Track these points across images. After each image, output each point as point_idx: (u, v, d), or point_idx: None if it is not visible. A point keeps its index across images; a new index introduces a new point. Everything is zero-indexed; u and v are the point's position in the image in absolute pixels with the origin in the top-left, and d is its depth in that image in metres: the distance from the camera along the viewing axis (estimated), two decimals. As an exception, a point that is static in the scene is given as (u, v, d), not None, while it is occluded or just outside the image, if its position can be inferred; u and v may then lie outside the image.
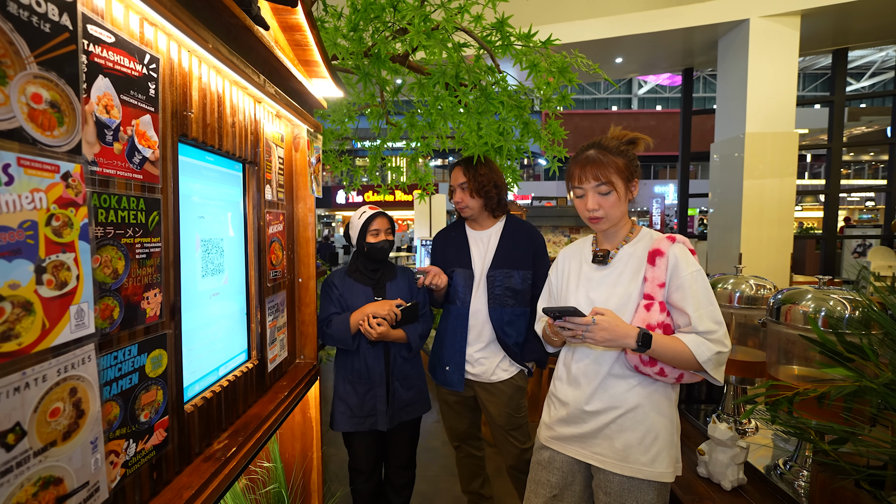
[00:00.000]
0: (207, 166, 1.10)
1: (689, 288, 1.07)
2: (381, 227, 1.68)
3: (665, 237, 1.14)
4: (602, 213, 1.14)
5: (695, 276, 1.08)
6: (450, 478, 2.51)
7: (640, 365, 1.09)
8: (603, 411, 1.14)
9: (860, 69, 20.08)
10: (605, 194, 1.13)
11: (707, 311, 1.07)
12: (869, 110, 11.86)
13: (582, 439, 1.19)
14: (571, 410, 1.19)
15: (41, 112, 0.56)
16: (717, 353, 1.04)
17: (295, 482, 1.64)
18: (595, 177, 1.12)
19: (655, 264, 1.11)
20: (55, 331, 0.58)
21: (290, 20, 1.30)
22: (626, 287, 1.14)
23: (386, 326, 1.58)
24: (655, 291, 1.10)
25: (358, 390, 1.67)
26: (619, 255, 1.19)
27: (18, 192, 0.53)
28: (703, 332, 1.05)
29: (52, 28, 0.57)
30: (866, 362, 0.99)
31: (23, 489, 0.54)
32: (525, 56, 1.85)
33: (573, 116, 18.48)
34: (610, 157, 1.13)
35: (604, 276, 1.19)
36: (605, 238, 1.24)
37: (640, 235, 1.20)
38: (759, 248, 4.57)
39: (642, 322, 1.09)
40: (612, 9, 4.95)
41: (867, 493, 0.97)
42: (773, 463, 1.32)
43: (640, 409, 1.12)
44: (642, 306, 1.10)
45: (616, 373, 1.14)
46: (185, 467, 0.93)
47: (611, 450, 1.14)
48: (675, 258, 1.10)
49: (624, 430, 1.13)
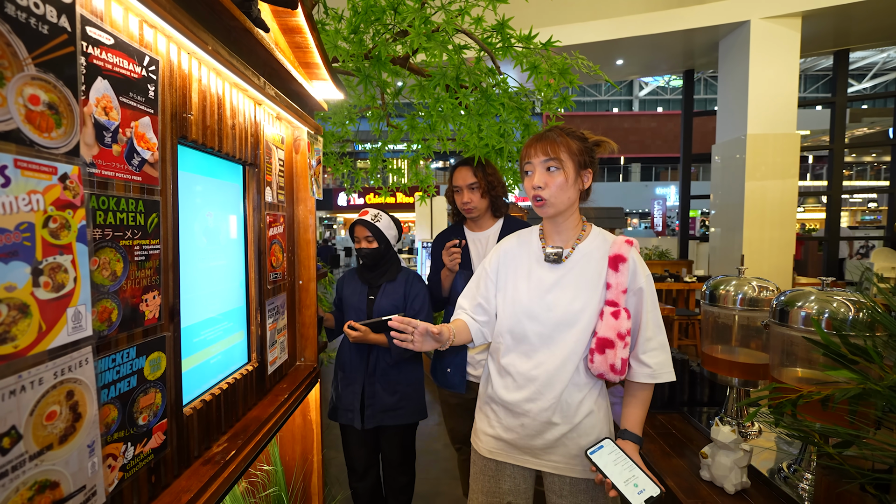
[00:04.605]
0: (207, 180, 1.10)
1: (646, 294, 1.11)
2: (359, 234, 1.77)
3: (623, 241, 1.13)
4: (547, 193, 1.09)
5: (649, 281, 1.12)
6: (451, 481, 2.50)
7: (608, 373, 1.08)
8: (560, 424, 1.11)
9: (862, 70, 20.06)
10: (551, 170, 1.09)
11: (656, 330, 1.12)
12: (871, 111, 11.84)
13: (534, 451, 1.15)
14: (525, 423, 1.14)
15: (39, 114, 0.56)
16: (668, 374, 1.11)
17: (295, 485, 1.63)
18: (545, 151, 1.08)
19: (619, 270, 1.09)
20: (52, 333, 0.57)
21: (291, 22, 1.30)
22: (588, 292, 1.11)
23: (360, 333, 1.63)
24: (619, 298, 1.08)
25: (341, 381, 1.76)
26: (574, 255, 1.15)
27: (15, 194, 0.53)
28: (651, 357, 1.11)
29: (50, 30, 0.57)
30: (871, 364, 0.98)
31: (18, 493, 0.53)
32: (526, 58, 1.85)
33: (574, 118, 18.49)
34: (564, 137, 1.10)
35: (559, 277, 1.14)
36: (554, 232, 1.18)
37: (593, 234, 1.17)
38: (760, 249, 4.56)
39: (612, 330, 1.06)
40: (613, 11, 4.96)
41: (872, 496, 0.96)
42: (776, 466, 1.31)
43: (593, 414, 1.13)
44: (609, 314, 1.08)
45: (576, 381, 1.12)
46: (184, 471, 0.93)
47: (564, 456, 1.13)
48: (634, 263, 1.11)
49: (580, 436, 1.12)
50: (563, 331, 1.11)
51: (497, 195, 1.74)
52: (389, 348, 1.69)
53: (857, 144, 11.27)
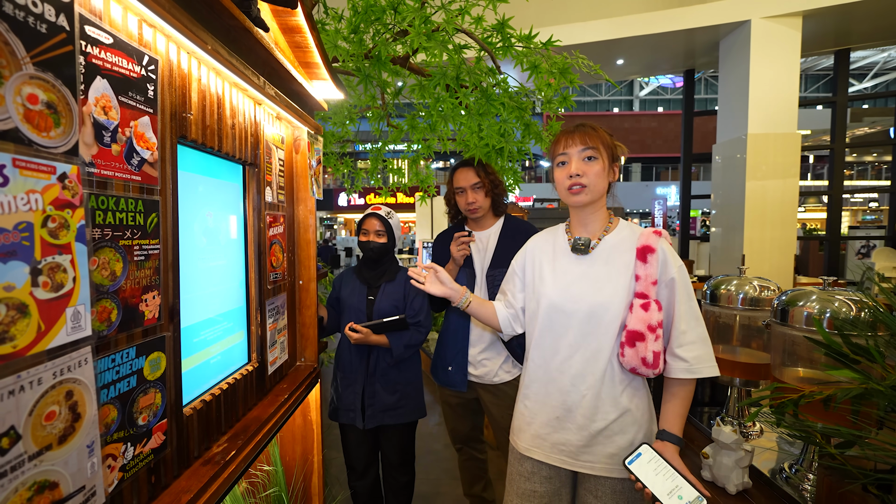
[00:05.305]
0: (207, 179, 1.10)
1: (678, 285, 1.08)
2: (369, 227, 1.76)
3: (651, 232, 1.10)
4: (585, 180, 1.09)
5: (681, 271, 1.09)
6: (451, 481, 2.49)
7: (640, 366, 1.05)
8: (597, 421, 1.10)
9: (862, 70, 20.04)
10: (590, 159, 1.09)
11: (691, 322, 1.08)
12: (872, 111, 11.82)
13: (570, 450, 1.14)
14: (560, 420, 1.13)
15: (37, 113, 0.55)
16: (708, 368, 1.06)
17: (295, 486, 1.63)
18: (583, 141, 1.10)
19: (647, 261, 1.07)
20: (51, 333, 0.57)
21: (291, 22, 1.30)
22: (615, 283, 1.09)
23: (362, 335, 1.63)
24: (650, 290, 1.06)
25: (341, 381, 1.75)
26: (601, 245, 1.13)
27: (14, 194, 0.52)
28: (687, 350, 1.07)
29: (48, 29, 0.57)
30: (873, 364, 0.98)
31: (17, 494, 0.53)
32: (526, 57, 1.84)
33: (574, 118, 18.43)
34: (599, 130, 1.13)
35: (586, 269, 1.13)
36: (580, 225, 1.17)
37: (621, 226, 1.16)
38: (762, 249, 4.55)
39: (643, 322, 1.04)
40: (613, 10, 4.95)
41: (875, 497, 0.95)
42: (778, 466, 1.30)
43: (630, 412, 1.11)
44: (639, 306, 1.05)
45: (610, 376, 1.10)
46: (184, 471, 0.92)
47: (601, 456, 1.11)
48: (664, 253, 1.08)
49: (615, 434, 1.10)
50: (591, 323, 1.10)
51: (498, 193, 1.76)
52: (390, 349, 1.69)
53: (858, 144, 11.26)
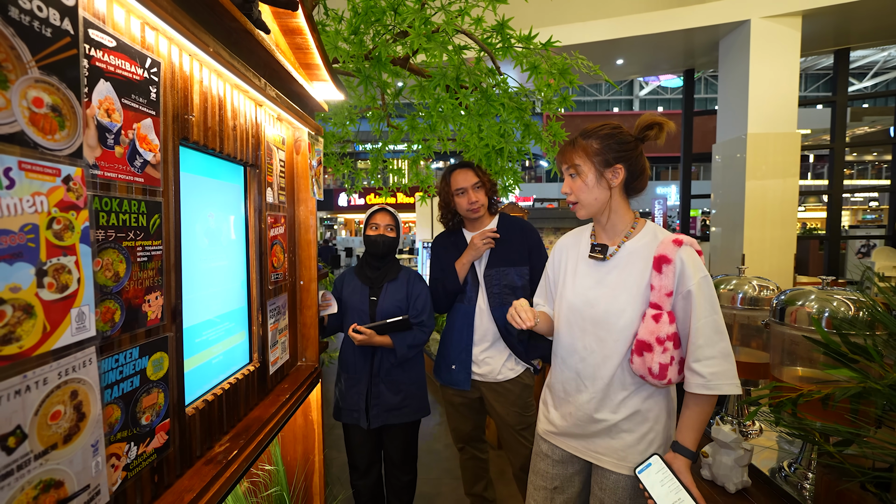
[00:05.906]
0: (208, 181, 1.10)
1: (695, 298, 1.02)
2: (380, 221, 1.76)
3: (671, 241, 1.06)
4: (573, 197, 1.15)
5: (701, 284, 1.02)
6: (452, 481, 2.50)
7: (648, 376, 1.05)
8: (604, 419, 1.14)
9: (862, 69, 20.02)
10: (573, 176, 1.14)
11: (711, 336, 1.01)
12: (871, 110, 11.81)
13: (581, 437, 1.19)
14: (573, 412, 1.18)
15: (42, 116, 0.56)
16: (728, 386, 1.01)
17: (297, 485, 1.64)
18: (563, 160, 1.16)
19: (662, 272, 1.04)
20: (56, 334, 0.58)
21: (291, 24, 1.30)
22: (630, 291, 1.09)
23: (366, 336, 1.63)
24: (664, 301, 1.04)
25: (346, 382, 1.76)
26: (620, 252, 1.14)
27: (19, 196, 0.53)
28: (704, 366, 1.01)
29: (53, 33, 0.57)
30: (871, 363, 0.98)
31: (23, 492, 0.54)
32: (526, 58, 1.85)
33: (574, 118, 18.47)
34: (580, 141, 1.13)
35: (602, 275, 1.14)
36: (601, 230, 1.19)
37: (644, 231, 1.14)
38: (761, 249, 4.55)
39: (651, 334, 1.03)
40: (613, 10, 4.95)
41: (873, 495, 0.96)
42: (777, 465, 1.31)
43: (640, 414, 1.12)
44: (650, 317, 1.04)
45: (621, 379, 1.12)
46: (187, 470, 0.93)
47: (609, 448, 1.14)
48: (682, 263, 1.04)
49: (622, 430, 1.12)
50: (604, 328, 1.12)
51: (494, 192, 1.80)
52: (394, 349, 1.69)
53: (857, 143, 11.26)
